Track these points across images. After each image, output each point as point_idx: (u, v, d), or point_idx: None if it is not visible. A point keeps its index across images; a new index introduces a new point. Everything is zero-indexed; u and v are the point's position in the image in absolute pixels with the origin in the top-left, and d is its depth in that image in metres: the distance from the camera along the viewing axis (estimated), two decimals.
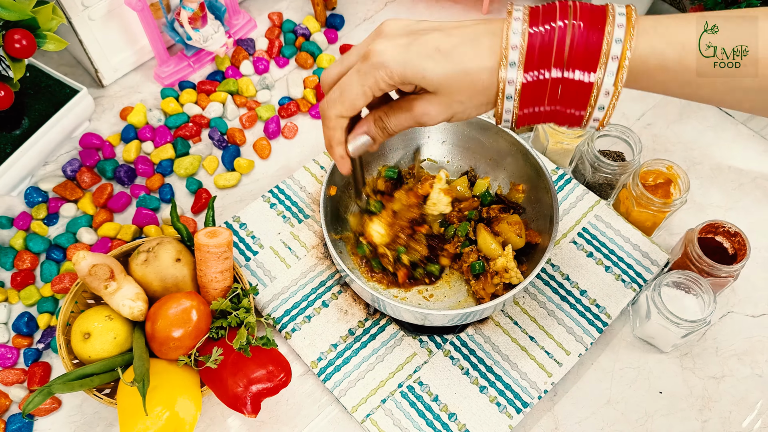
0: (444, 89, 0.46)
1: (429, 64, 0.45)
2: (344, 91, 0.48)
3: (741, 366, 0.69)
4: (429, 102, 0.47)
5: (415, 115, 0.49)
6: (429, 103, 0.48)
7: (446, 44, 0.45)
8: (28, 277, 0.73)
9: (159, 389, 0.58)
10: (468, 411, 0.65)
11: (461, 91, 0.46)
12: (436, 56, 0.45)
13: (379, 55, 0.46)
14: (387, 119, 0.51)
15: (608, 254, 0.73)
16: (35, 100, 0.78)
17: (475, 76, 0.45)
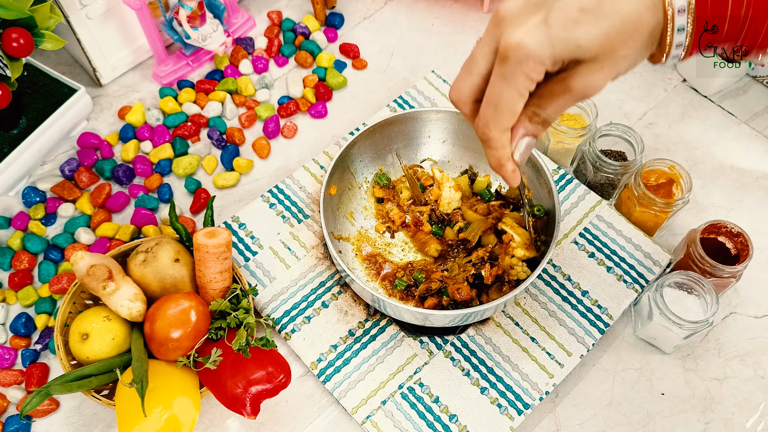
0: (605, 51, 0.40)
1: (580, 30, 0.39)
2: (499, 104, 0.43)
3: (744, 367, 0.69)
4: (590, 71, 0.41)
5: (576, 92, 0.42)
6: (591, 73, 0.41)
7: (591, 4, 0.39)
8: (25, 277, 0.73)
9: (158, 390, 0.58)
10: (469, 412, 0.65)
11: (626, 43, 0.40)
12: (583, 19, 0.39)
13: (519, 47, 0.40)
14: (543, 110, 0.44)
15: (610, 255, 0.73)
16: (33, 99, 0.78)
17: (637, 19, 0.39)
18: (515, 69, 0.41)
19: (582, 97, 0.43)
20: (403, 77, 0.89)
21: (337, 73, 0.88)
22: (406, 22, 0.95)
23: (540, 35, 0.39)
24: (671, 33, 0.40)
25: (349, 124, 0.86)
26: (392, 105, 0.84)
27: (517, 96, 0.42)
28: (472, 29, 0.94)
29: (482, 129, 0.44)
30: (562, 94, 0.43)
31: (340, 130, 0.85)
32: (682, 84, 0.89)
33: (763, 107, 0.87)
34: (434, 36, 0.93)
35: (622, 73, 0.43)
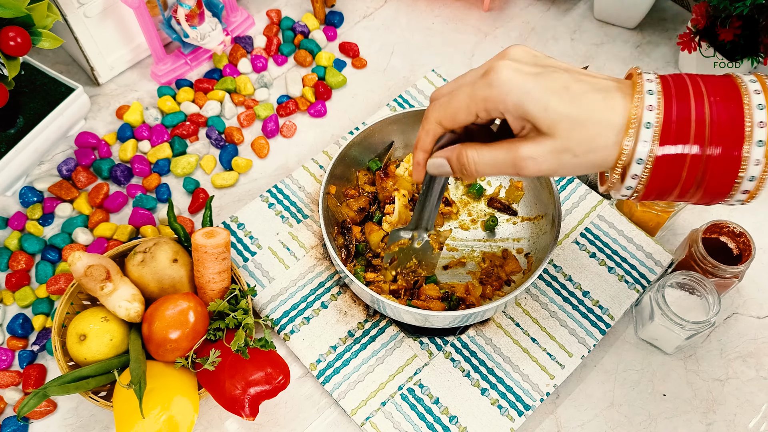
0: (561, 133, 0.43)
1: (554, 100, 0.42)
2: (451, 100, 0.47)
3: (746, 368, 0.69)
4: (538, 145, 0.44)
5: (517, 156, 0.44)
6: (537, 147, 0.44)
7: (576, 87, 0.43)
8: (23, 278, 0.73)
9: (156, 392, 0.58)
10: (469, 414, 0.65)
11: (580, 141, 0.43)
12: (563, 95, 0.42)
13: (500, 75, 0.43)
14: (476, 154, 0.47)
15: (611, 255, 0.73)
16: (30, 98, 0.78)
17: (599, 129, 0.42)
18: (483, 86, 0.44)
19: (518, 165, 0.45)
20: (403, 76, 0.89)
21: (337, 72, 0.88)
22: (406, 21, 0.95)
23: (522, 81, 0.43)
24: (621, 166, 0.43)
25: (349, 123, 0.86)
26: (392, 104, 0.84)
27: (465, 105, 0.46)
28: (472, 28, 0.94)
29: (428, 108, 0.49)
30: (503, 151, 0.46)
31: (339, 129, 0.85)
32: None
33: None
34: (434, 35, 0.93)
35: (562, 172, 0.45)
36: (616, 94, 0.43)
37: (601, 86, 0.43)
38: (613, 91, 0.43)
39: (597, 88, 0.43)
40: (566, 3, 0.96)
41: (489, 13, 0.95)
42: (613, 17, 0.93)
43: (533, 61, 0.45)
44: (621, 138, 0.42)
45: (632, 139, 0.42)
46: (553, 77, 0.43)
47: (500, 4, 0.96)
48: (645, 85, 0.42)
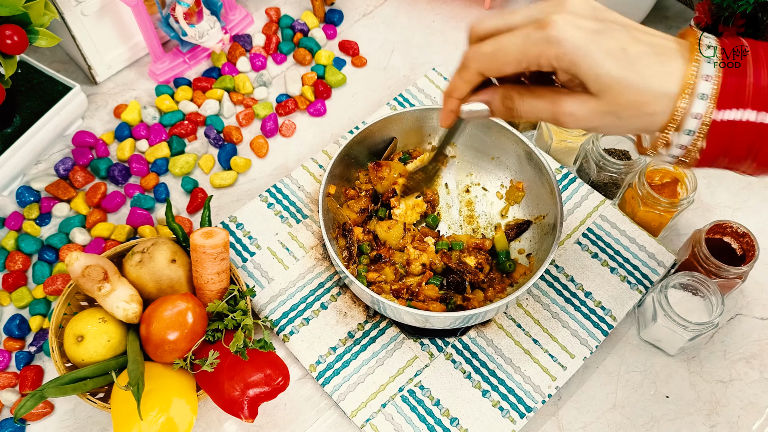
0: (609, 95, 0.42)
1: (609, 63, 0.41)
2: (499, 50, 0.44)
3: (750, 370, 0.69)
4: (582, 102, 0.43)
5: (558, 110, 0.44)
6: (582, 104, 0.43)
7: (634, 49, 0.41)
8: (19, 278, 0.73)
9: (154, 393, 0.58)
10: (470, 416, 0.65)
11: (628, 105, 0.42)
12: (620, 57, 0.41)
13: (558, 29, 0.41)
14: (520, 101, 0.46)
15: (614, 255, 0.73)
16: (27, 97, 0.78)
17: (651, 97, 0.41)
18: (540, 40, 0.42)
19: (558, 118, 0.44)
20: (404, 75, 0.89)
21: (337, 71, 0.88)
22: (407, 19, 0.95)
23: (581, 39, 0.41)
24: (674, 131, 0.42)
25: (349, 122, 0.86)
26: (392, 103, 0.84)
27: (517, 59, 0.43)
28: None
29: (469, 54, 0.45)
30: (546, 102, 0.44)
31: (339, 128, 0.85)
32: None
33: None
34: (435, 33, 0.93)
35: (603, 130, 0.44)
36: (675, 58, 0.41)
37: (659, 49, 0.42)
38: (671, 55, 0.42)
39: (656, 51, 0.42)
40: None
41: (490, 12, 0.95)
42: None
43: (593, 14, 0.42)
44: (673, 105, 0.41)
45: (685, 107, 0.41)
46: (613, 35, 0.41)
47: (501, 2, 0.96)
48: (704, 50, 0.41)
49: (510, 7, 0.95)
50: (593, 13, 0.43)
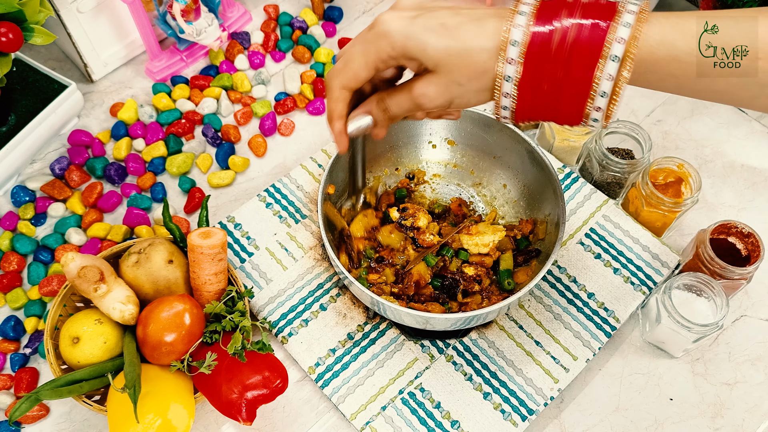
0: (443, 66, 0.46)
1: (431, 37, 0.46)
2: (348, 61, 0.49)
3: (755, 372, 0.69)
4: (428, 81, 0.48)
5: (414, 95, 0.49)
6: (428, 83, 0.48)
7: (452, 21, 0.46)
8: (14, 279, 0.73)
9: (150, 396, 0.58)
10: (471, 418, 0.65)
11: (460, 70, 0.46)
12: (439, 30, 0.46)
13: (383, 24, 0.47)
14: (389, 99, 0.51)
15: (617, 256, 0.73)
16: (22, 95, 0.78)
17: (474, 55, 0.46)
18: (372, 38, 0.48)
19: (417, 102, 0.49)
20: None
21: None
22: None
23: (403, 25, 0.46)
24: (499, 86, 0.46)
25: None
26: None
27: (363, 62, 0.48)
28: None
29: (327, 75, 0.51)
30: (404, 93, 0.49)
31: None
32: None
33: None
34: None
35: (457, 103, 0.49)
36: (490, 20, 0.46)
37: (476, 16, 0.46)
38: (487, 18, 0.46)
39: (472, 19, 0.46)
40: None
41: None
42: None
43: (416, 5, 0.48)
44: (495, 60, 0.45)
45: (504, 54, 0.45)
46: (431, 15, 0.46)
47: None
48: (520, 7, 0.45)
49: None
50: (417, 4, 0.48)
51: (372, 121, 0.53)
